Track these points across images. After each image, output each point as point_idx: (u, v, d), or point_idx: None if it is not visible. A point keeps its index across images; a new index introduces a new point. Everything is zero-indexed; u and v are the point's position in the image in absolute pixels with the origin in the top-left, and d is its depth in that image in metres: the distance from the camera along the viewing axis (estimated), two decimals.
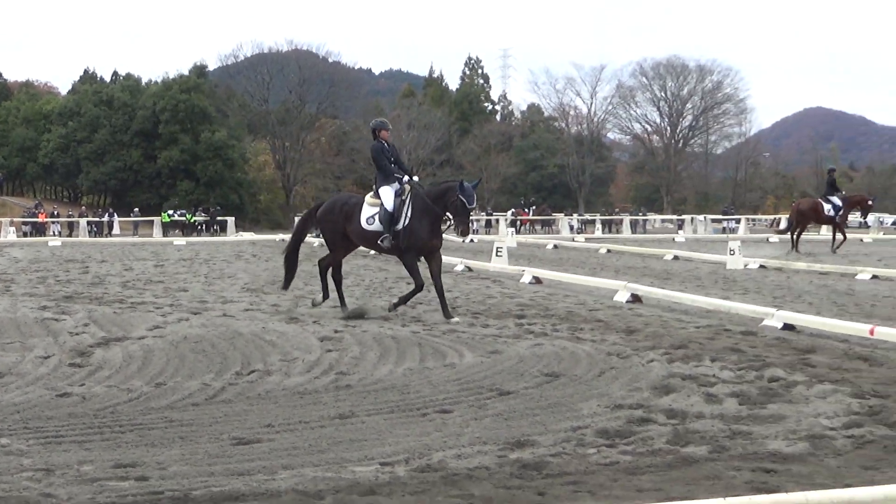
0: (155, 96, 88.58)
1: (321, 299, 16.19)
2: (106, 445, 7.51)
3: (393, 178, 15.48)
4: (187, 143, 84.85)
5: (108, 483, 6.46)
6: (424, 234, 15.17)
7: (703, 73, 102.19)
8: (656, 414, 8.54)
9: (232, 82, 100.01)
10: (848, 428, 7.96)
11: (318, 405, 8.98)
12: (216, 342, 12.67)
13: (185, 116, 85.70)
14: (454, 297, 18.65)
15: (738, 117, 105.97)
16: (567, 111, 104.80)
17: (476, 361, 11.29)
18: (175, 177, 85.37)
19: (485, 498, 6.10)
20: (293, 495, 6.20)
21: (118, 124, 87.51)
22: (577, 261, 30.89)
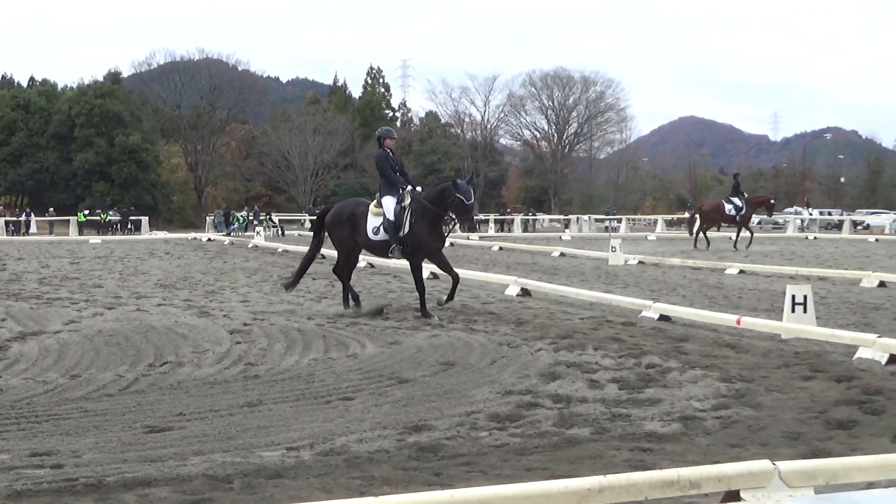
0: (71, 101, 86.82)
1: (353, 303, 15.41)
2: (22, 435, 7.36)
3: (396, 187, 14.78)
4: (102, 146, 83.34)
5: (24, 471, 6.34)
6: (427, 237, 14.60)
7: (587, 83, 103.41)
8: (543, 399, 8.62)
9: (145, 88, 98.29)
10: (717, 410, 8.14)
11: (228, 394, 8.91)
12: (130, 335, 12.48)
13: (99, 121, 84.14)
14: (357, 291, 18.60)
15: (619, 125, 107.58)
16: (462, 118, 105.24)
17: (377, 352, 11.29)
18: (91, 178, 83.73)
19: (384, 479, 6.12)
20: (203, 480, 6.14)
21: (35, 128, 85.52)
22: (471, 257, 31.01)
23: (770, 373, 9.75)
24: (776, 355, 10.78)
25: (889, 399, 8.46)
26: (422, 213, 14.45)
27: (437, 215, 14.64)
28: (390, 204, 14.62)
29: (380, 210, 14.74)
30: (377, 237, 14.74)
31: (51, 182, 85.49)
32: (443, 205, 14.48)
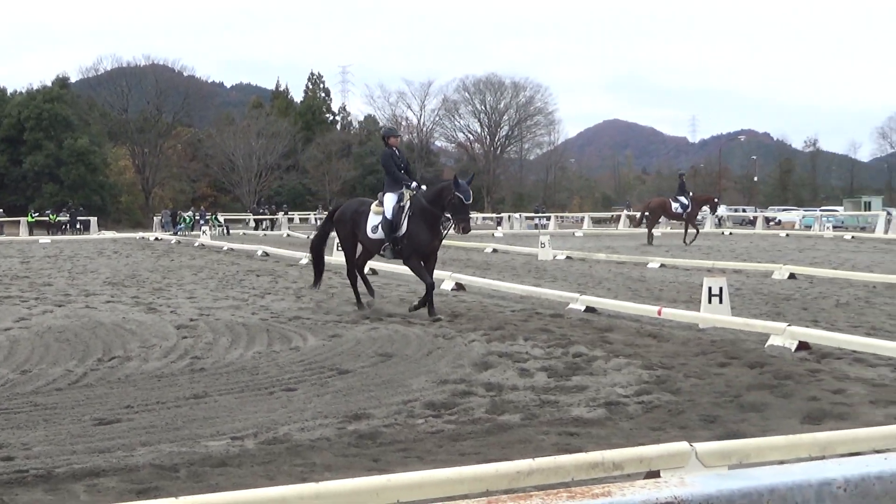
0: (20, 105, 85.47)
1: (372, 298, 14.79)
2: None
3: (400, 185, 13.98)
4: (51, 148, 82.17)
5: None
6: (424, 237, 13.65)
7: (517, 89, 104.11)
8: (477, 387, 8.65)
9: (93, 93, 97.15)
10: (639, 395, 8.24)
11: (175, 387, 8.82)
12: (79, 332, 12.32)
13: (48, 124, 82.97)
14: (300, 287, 18.53)
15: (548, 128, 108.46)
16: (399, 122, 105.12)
17: (318, 344, 11.26)
18: (40, 180, 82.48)
19: (325, 465, 6.10)
20: (150, 469, 6.08)
21: None
22: None
23: (688, 360, 9.88)
24: (694, 343, 10.92)
25: (798, 383, 8.62)
26: (420, 213, 13.62)
27: (435, 215, 13.78)
28: (390, 202, 13.95)
29: (381, 209, 14.10)
30: (374, 235, 14.08)
31: (0, 184, 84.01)
32: (440, 204, 13.58)
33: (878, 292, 16.78)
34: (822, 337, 10.56)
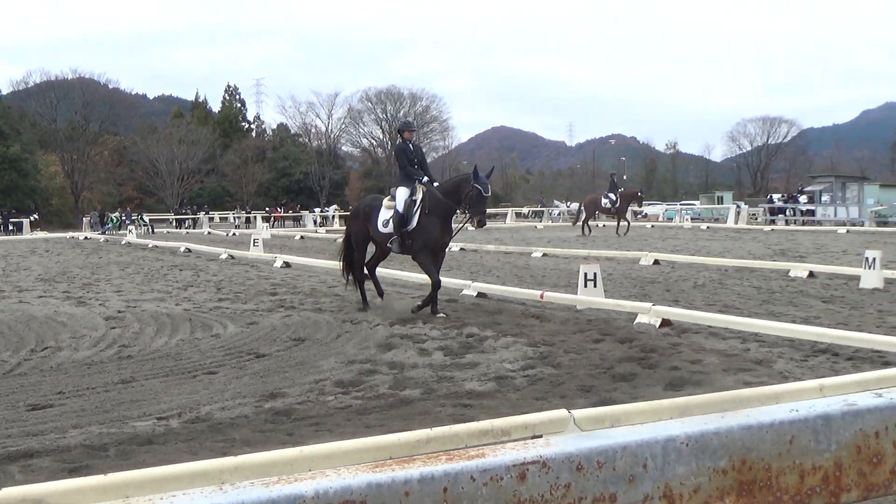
0: None
1: (380, 300, 13.35)
2: None
3: (412, 179, 12.51)
4: None
5: None
6: (435, 232, 12.17)
7: (414, 99, 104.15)
8: (381, 366, 8.66)
9: (23, 104, 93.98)
10: (524, 369, 8.34)
11: (104, 373, 8.62)
12: (13, 325, 11.95)
13: None
14: (219, 280, 18.26)
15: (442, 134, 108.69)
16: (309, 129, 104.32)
17: (238, 331, 11.12)
18: None
19: (244, 440, 6.04)
20: (81, 449, 5.94)
21: None
22: (319, 248, 30.77)
23: (568, 337, 10.04)
24: (573, 323, 11.10)
25: (661, 356, 8.83)
26: (433, 207, 12.14)
27: (449, 208, 12.26)
28: (402, 195, 12.48)
29: (392, 203, 12.66)
30: (384, 229, 12.60)
31: None
32: (457, 196, 12.04)
33: (729, 275, 17.27)
34: (681, 314, 10.86)
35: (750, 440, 1.45)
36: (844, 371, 7.70)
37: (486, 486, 1.27)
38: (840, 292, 13.95)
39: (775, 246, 27.34)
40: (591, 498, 1.33)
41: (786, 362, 8.43)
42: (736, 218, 47.15)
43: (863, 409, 1.57)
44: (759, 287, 14.93)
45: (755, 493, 1.45)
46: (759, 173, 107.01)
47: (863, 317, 11.24)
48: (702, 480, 1.41)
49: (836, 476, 1.54)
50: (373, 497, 1.20)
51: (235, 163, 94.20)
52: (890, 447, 1.58)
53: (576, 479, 1.32)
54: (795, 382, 6.59)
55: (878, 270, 14.65)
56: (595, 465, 1.33)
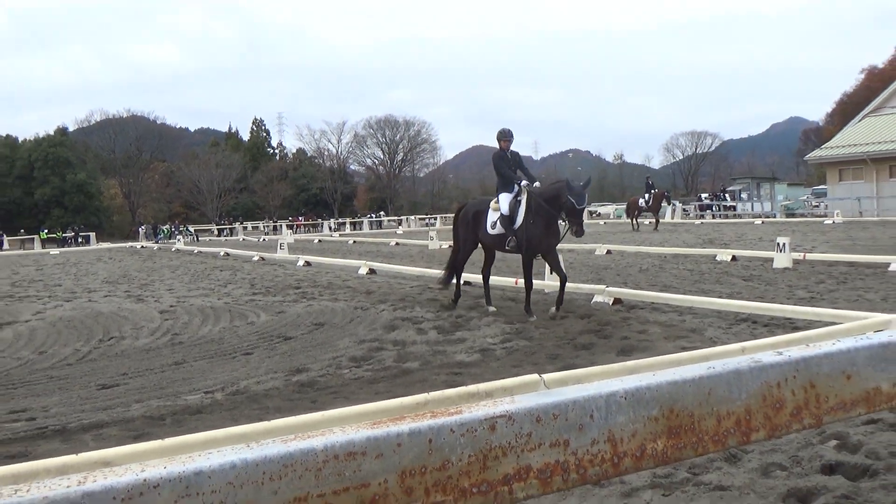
0: (30, 150, 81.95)
1: (492, 307, 11.17)
2: (2, 398, 6.92)
3: (511, 182, 11.02)
4: (57, 182, 78.96)
5: (4, 425, 5.98)
6: (539, 233, 10.45)
7: (408, 125, 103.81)
8: (386, 344, 8.67)
9: (87, 139, 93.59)
10: (504, 343, 8.36)
11: (159, 357, 8.60)
12: (84, 320, 11.90)
13: (54, 163, 79.71)
14: (253, 277, 18.22)
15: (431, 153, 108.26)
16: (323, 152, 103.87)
17: (269, 319, 11.10)
18: (49, 206, 79.13)
19: (276, 408, 6.04)
20: (143, 420, 5.94)
21: (2, 171, 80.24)
22: (334, 249, 30.74)
23: (538, 315, 10.05)
24: (542, 304, 11.10)
25: (614, 328, 8.87)
26: (536, 210, 10.50)
27: (552, 214, 10.45)
28: (505, 199, 11.02)
29: (497, 206, 11.16)
30: (493, 231, 11.05)
31: (18, 211, 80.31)
32: (556, 205, 10.33)
33: (667, 261, 17.32)
34: (629, 294, 10.90)
35: (676, 393, 1.47)
36: (762, 335, 7.75)
37: (464, 437, 1.28)
38: (757, 272, 14.01)
39: (704, 236, 27.42)
40: (549, 443, 1.35)
41: (714, 330, 8.47)
42: (672, 214, 47.20)
43: (766, 364, 1.59)
44: (691, 270, 14.97)
45: (681, 436, 1.47)
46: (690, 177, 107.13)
47: (776, 291, 11.30)
48: (638, 427, 1.43)
49: (747, 419, 1.56)
50: (371, 448, 1.22)
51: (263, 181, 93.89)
52: (790, 395, 1.61)
53: (535, 429, 1.34)
54: (722, 346, 6.63)
55: (787, 253, 14.72)
56: (551, 417, 1.34)
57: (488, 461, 1.28)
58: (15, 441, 5.51)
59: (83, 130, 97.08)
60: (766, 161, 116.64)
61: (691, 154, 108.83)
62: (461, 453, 1.26)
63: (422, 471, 1.22)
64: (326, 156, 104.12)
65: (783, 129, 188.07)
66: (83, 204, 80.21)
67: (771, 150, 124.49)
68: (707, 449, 1.51)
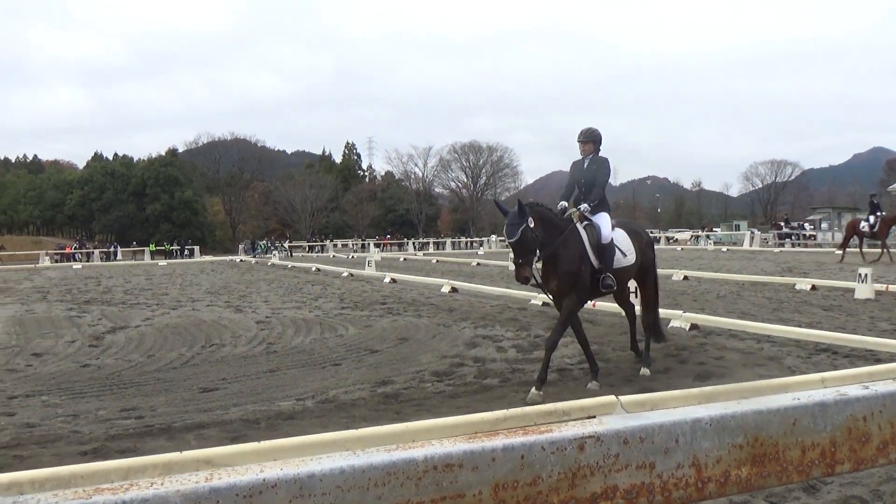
0: (143, 169, 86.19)
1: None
2: (114, 398, 7.25)
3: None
4: (166, 199, 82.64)
5: (116, 422, 6.26)
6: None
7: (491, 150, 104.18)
8: (467, 360, 8.69)
9: (194, 160, 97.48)
10: (581, 363, 8.25)
11: (256, 364, 8.85)
12: (188, 327, 12.33)
13: (164, 182, 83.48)
14: (342, 292, 18.53)
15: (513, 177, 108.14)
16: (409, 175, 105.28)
17: (356, 332, 11.27)
18: (159, 221, 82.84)
19: (362, 417, 6.12)
20: (240, 423, 6.11)
21: (118, 188, 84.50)
22: (418, 268, 31.02)
23: (615, 338, 9.91)
24: (619, 326, 10.93)
25: (691, 353, 8.66)
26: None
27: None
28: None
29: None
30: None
31: (130, 224, 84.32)
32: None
33: (745, 288, 16.80)
34: (707, 320, 10.61)
35: (761, 422, 1.45)
36: (842, 367, 7.44)
37: (554, 455, 1.30)
38: (838, 302, 13.44)
39: (783, 264, 26.46)
40: (635, 465, 1.35)
41: (793, 359, 8.17)
42: (751, 242, 45.79)
43: (852, 398, 1.55)
44: (770, 298, 14.48)
45: (765, 464, 1.45)
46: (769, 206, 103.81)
47: (857, 322, 10.82)
48: (723, 453, 1.41)
49: (832, 451, 1.52)
50: (468, 461, 1.25)
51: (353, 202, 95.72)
52: (876, 429, 1.56)
53: (623, 450, 1.34)
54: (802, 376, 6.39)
55: (869, 284, 14.08)
56: (638, 440, 1.35)
57: (577, 479, 1.29)
58: (125, 437, 5.76)
59: (191, 151, 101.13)
60: (848, 191, 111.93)
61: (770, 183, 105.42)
62: (551, 470, 1.28)
63: (514, 485, 1.25)
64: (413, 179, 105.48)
65: (866, 159, 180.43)
66: (189, 219, 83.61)
67: (853, 180, 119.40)
68: (791, 479, 1.48)
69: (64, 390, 7.60)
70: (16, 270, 40.40)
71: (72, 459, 5.09)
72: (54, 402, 7.08)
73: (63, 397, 7.26)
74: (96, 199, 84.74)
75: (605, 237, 7.26)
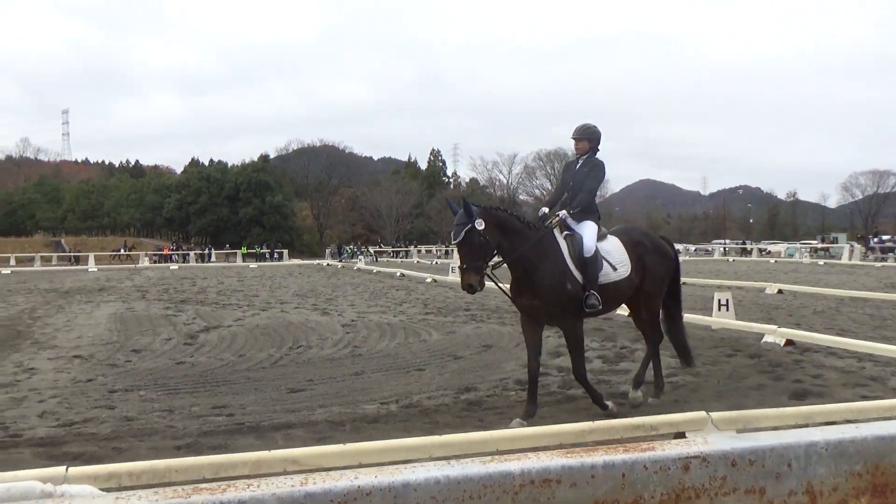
0: (237, 174, 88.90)
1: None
2: (207, 395, 7.46)
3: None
4: (257, 204, 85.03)
5: (208, 418, 6.43)
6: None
7: None
8: (551, 369, 8.58)
9: (285, 165, 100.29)
10: (667, 377, 8.01)
11: (341, 367, 8.96)
12: (276, 328, 12.62)
13: (256, 187, 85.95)
14: (426, 298, 18.62)
15: None
16: (494, 182, 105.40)
17: (440, 338, 11.30)
18: (250, 225, 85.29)
19: (445, 423, 6.11)
20: (326, 424, 6.18)
21: (213, 192, 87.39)
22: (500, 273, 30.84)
23: (704, 351, 9.60)
24: (708, 340, 10.61)
25: (786, 370, 8.30)
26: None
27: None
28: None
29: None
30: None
31: (224, 227, 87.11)
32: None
33: (844, 303, 16.03)
34: (803, 336, 10.14)
35: (882, 448, 1.34)
36: None
37: (657, 474, 1.23)
38: None
39: (886, 280, 25.12)
40: (744, 489, 1.27)
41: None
42: (850, 255, 43.70)
43: None
44: (872, 315, 13.76)
45: (887, 495, 1.34)
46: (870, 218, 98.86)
47: None
48: (839, 481, 1.31)
49: None
50: (566, 477, 1.20)
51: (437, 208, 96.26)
52: None
53: (730, 473, 1.27)
54: None
55: None
56: (747, 462, 1.27)
57: (681, 501, 1.22)
58: (217, 433, 5.91)
59: (281, 158, 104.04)
60: None
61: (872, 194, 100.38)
62: (654, 490, 1.22)
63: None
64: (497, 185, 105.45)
65: None
66: (279, 223, 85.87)
67: None
68: None
69: (160, 386, 7.88)
70: (118, 270, 42.40)
71: (167, 453, 5.26)
72: (151, 397, 7.35)
73: (159, 393, 7.53)
74: (192, 203, 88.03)
75: (587, 249, 6.33)
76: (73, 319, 14.40)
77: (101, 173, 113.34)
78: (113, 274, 36.52)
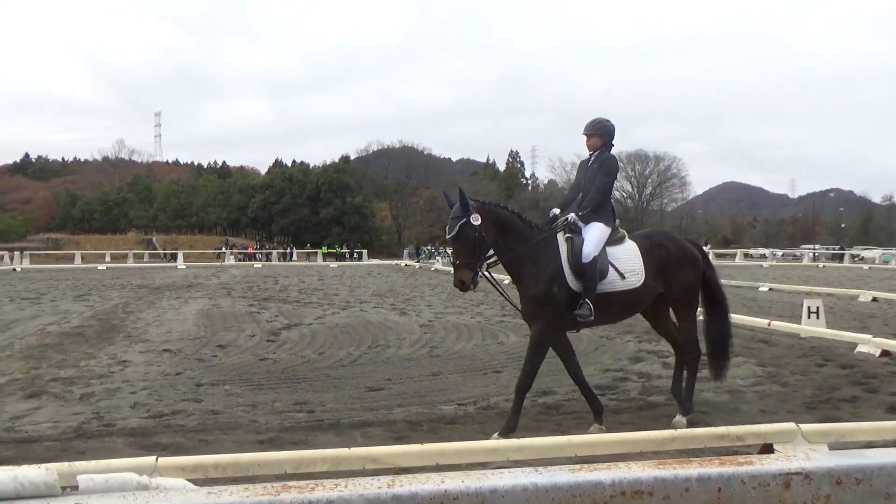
0: (318, 175, 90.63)
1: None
2: (288, 391, 7.61)
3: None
4: (338, 204, 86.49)
5: (290, 414, 6.55)
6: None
7: (658, 160, 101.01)
8: (631, 375, 8.42)
9: (364, 167, 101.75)
10: (754, 386, 7.78)
11: (419, 367, 9.01)
12: (356, 327, 12.79)
13: (336, 187, 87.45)
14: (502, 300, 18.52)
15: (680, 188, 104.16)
16: None
17: (517, 340, 11.24)
18: (330, 225, 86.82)
19: (522, 427, 6.04)
20: (403, 424, 6.22)
21: (295, 192, 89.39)
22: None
23: (793, 361, 9.25)
24: (797, 349, 10.22)
25: (882, 382, 7.90)
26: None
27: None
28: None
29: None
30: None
31: (305, 227, 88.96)
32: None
33: None
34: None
35: None
36: None
37: (755, 490, 1.18)
38: None
39: None
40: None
41: None
42: None
43: None
44: None
45: None
46: None
47: None
48: None
49: None
50: (658, 489, 1.15)
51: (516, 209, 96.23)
52: None
53: (835, 492, 1.19)
54: None
55: None
56: (853, 481, 1.19)
57: None
58: (298, 430, 6.03)
59: (361, 159, 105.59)
60: None
61: None
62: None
63: None
64: None
65: None
66: (358, 224, 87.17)
67: None
68: None
69: (244, 381, 8.09)
70: (205, 267, 43.86)
71: (249, 447, 5.39)
72: (236, 391, 7.55)
73: (243, 387, 7.73)
74: (276, 203, 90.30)
75: (585, 255, 5.88)
76: (162, 315, 14.96)
77: (190, 174, 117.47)
78: (200, 271, 37.79)
